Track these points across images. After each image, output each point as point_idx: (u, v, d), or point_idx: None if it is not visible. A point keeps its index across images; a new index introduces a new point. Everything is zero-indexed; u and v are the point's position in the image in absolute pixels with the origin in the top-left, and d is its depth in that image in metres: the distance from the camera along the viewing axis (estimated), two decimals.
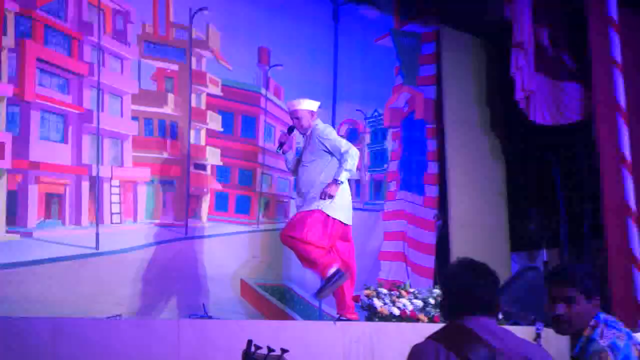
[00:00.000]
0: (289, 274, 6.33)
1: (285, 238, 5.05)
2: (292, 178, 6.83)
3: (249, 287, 6.14)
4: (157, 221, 5.81)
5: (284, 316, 6.15)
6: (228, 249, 6.13)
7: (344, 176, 5.02)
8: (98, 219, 5.48)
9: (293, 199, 6.69)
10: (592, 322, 2.62)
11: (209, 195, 6.14)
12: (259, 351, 2.64)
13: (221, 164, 6.20)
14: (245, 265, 6.17)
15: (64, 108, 5.45)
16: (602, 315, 2.64)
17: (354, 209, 6.72)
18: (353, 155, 5.04)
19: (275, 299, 6.25)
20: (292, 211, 6.67)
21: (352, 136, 7.19)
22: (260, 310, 6.07)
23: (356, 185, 7.12)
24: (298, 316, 6.20)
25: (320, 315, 6.22)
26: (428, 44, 7.44)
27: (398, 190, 7.20)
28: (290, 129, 5.35)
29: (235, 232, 6.26)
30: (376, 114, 7.32)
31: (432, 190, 7.25)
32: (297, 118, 5.26)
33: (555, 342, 4.63)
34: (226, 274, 6.00)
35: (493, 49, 7.32)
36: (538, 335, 4.36)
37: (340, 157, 5.05)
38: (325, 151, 5.14)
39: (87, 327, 4.06)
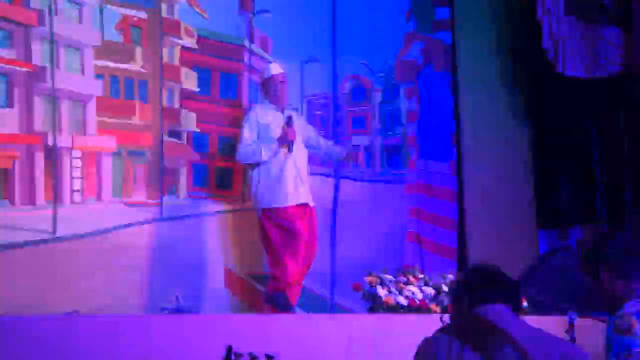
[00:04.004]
0: None
1: None
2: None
3: (236, 276, 6.06)
4: (127, 199, 5.73)
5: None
6: (210, 232, 6.06)
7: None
8: (56, 198, 5.40)
9: None
10: None
11: (186, 168, 6.04)
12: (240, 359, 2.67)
13: (198, 130, 6.08)
14: (231, 250, 6.09)
15: (6, 66, 5.31)
16: None
17: (367, 180, 6.74)
18: None
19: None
20: None
21: (358, 95, 7.05)
22: (250, 304, 5.99)
23: (366, 153, 7.03)
24: (300, 310, 5.99)
25: (332, 308, 6.19)
26: None
27: (418, 158, 7.04)
28: (290, 119, 5.49)
29: (218, 212, 6.17)
30: (387, 67, 7.15)
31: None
32: (282, 82, 5.58)
33: (592, 334, 4.57)
34: (208, 261, 5.93)
35: None
36: (571, 326, 4.33)
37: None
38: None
39: (39, 326, 4.10)
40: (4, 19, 5.33)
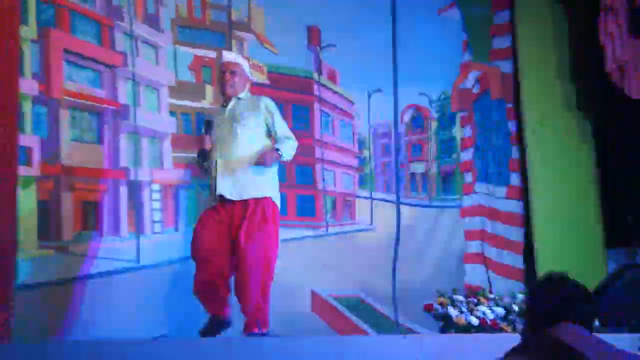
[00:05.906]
0: (361, 283, 6.43)
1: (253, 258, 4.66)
2: (355, 174, 6.89)
3: (321, 299, 6.25)
4: None
5: (359, 331, 6.22)
6: (290, 257, 6.07)
7: (286, 154, 4.75)
8: (138, 229, 5.72)
9: (359, 197, 6.93)
10: None
11: None
12: None
13: None
14: (314, 275, 6.31)
15: (97, 104, 5.66)
16: None
17: (423, 205, 6.70)
18: (294, 147, 4.84)
19: (350, 313, 6.35)
20: (361, 211, 6.91)
21: (417, 124, 7.23)
22: (333, 326, 6.18)
23: (423, 179, 7.22)
24: (372, 330, 6.28)
25: (397, 329, 6.28)
26: (501, 11, 7.34)
27: (475, 182, 7.20)
28: (209, 124, 4.84)
29: (298, 238, 6.37)
30: (443, 96, 7.32)
31: (516, 179, 7.20)
32: (233, 72, 4.85)
33: None
34: (289, 285, 5.99)
35: (578, 13, 7.11)
36: None
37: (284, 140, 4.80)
38: (264, 127, 4.82)
39: (130, 350, 4.24)
40: (95, 61, 5.70)
